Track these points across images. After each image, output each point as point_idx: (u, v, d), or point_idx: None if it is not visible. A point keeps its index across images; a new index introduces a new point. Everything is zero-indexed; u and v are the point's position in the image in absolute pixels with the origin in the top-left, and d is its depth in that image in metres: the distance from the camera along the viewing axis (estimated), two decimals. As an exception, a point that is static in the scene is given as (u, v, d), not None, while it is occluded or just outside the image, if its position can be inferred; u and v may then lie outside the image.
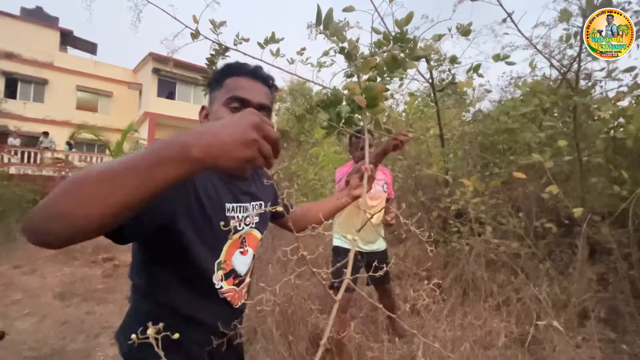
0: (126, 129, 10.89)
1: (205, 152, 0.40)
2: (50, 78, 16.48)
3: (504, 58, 2.57)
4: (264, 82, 0.80)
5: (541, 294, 1.63)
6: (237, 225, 0.81)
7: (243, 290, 0.86)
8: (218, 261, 0.77)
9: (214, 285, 0.77)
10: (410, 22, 1.64)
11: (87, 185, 0.38)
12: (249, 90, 0.76)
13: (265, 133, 0.44)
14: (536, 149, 2.33)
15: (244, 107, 0.74)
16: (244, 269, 0.84)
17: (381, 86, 1.29)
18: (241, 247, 0.83)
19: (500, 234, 2.61)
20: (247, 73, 0.78)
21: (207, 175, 0.75)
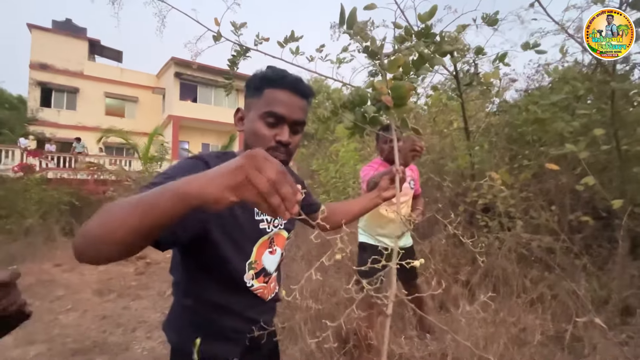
0: (152, 133, 11.32)
1: (197, 189, 0.43)
2: (81, 86, 17.36)
3: (533, 46, 2.46)
4: (302, 96, 0.80)
5: (580, 290, 1.55)
6: (267, 227, 0.86)
7: (272, 284, 0.91)
8: (249, 262, 0.82)
9: (246, 283, 0.82)
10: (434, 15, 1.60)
11: (109, 216, 0.47)
12: (286, 106, 0.77)
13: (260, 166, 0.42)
14: (569, 139, 2.22)
15: (280, 123, 0.77)
16: (273, 267, 0.90)
17: (409, 85, 1.27)
18: (270, 247, 0.88)
19: (531, 229, 2.51)
20: (288, 86, 0.78)
21: None
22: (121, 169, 9.83)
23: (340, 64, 3.09)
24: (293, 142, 0.80)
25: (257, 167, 0.42)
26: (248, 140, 0.81)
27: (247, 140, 0.81)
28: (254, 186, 0.42)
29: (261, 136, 0.77)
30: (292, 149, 0.80)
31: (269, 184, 0.42)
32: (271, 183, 0.42)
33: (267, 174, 0.42)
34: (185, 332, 0.81)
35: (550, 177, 2.77)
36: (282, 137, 0.76)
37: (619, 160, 2.15)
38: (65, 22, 18.37)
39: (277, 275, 0.96)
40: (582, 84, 2.16)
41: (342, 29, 1.62)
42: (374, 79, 1.74)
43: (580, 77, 2.26)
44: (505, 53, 2.62)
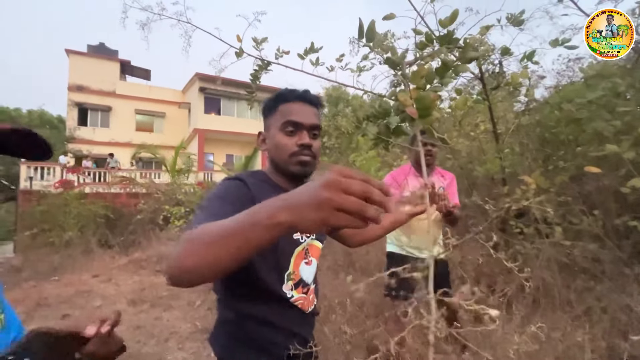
0: (178, 146, 11.77)
1: (287, 218, 0.43)
2: (113, 105, 18.43)
3: (563, 42, 2.34)
4: (312, 104, 0.87)
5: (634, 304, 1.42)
6: (300, 238, 0.89)
7: (310, 296, 0.93)
8: (288, 272, 0.85)
9: (285, 294, 0.85)
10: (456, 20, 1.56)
11: (200, 249, 0.50)
12: (300, 114, 0.84)
13: (344, 187, 0.40)
14: (610, 139, 2.07)
15: (298, 129, 0.84)
16: (310, 277, 0.92)
17: (434, 95, 1.23)
18: (305, 257, 0.91)
19: (572, 235, 2.35)
20: (297, 98, 0.86)
21: (266, 195, 0.77)
22: (151, 182, 10.26)
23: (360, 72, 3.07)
24: (315, 145, 0.85)
25: (343, 190, 0.40)
26: (273, 155, 0.86)
27: (272, 155, 0.87)
28: (348, 212, 0.40)
29: (283, 145, 0.84)
30: (316, 151, 0.85)
31: (361, 202, 0.40)
32: (363, 198, 0.40)
33: (354, 190, 0.40)
34: (228, 346, 0.85)
35: (590, 179, 2.60)
36: (304, 140, 0.83)
37: (669, 160, 1.98)
38: (99, 45, 19.66)
39: (315, 288, 0.98)
40: (623, 79, 2.01)
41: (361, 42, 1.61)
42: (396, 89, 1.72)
43: (620, 72, 2.11)
44: (533, 51, 2.50)
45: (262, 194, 0.78)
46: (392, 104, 1.56)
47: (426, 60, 1.62)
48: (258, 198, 0.76)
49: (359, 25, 1.63)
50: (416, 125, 1.32)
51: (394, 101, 1.51)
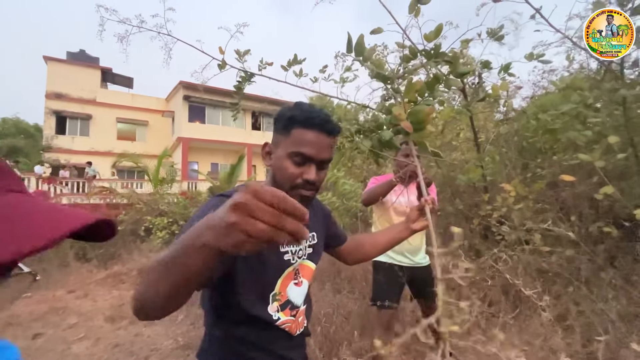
0: (161, 155, 11.54)
1: (209, 239, 0.41)
2: (94, 113, 17.97)
3: (537, 57, 2.46)
4: (330, 134, 0.80)
5: (611, 310, 1.47)
6: (291, 258, 0.86)
7: (300, 318, 0.89)
8: (273, 293, 0.82)
9: (271, 317, 0.81)
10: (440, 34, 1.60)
11: (151, 279, 0.49)
12: (313, 146, 0.77)
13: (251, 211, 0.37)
14: (583, 148, 2.16)
15: (307, 162, 0.78)
16: (299, 299, 0.88)
17: (428, 109, 1.24)
18: (295, 278, 0.88)
19: (551, 241, 2.42)
20: (315, 126, 0.77)
21: None
22: (132, 192, 9.98)
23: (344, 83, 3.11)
24: (319, 178, 0.80)
25: (250, 214, 0.37)
26: (276, 176, 0.82)
27: (275, 175, 0.82)
28: (255, 239, 0.37)
29: (288, 175, 0.78)
30: (319, 184, 0.81)
31: (269, 229, 0.37)
32: (271, 225, 0.37)
33: (262, 215, 0.37)
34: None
35: (566, 186, 2.70)
36: (310, 176, 0.78)
37: (637, 167, 2.08)
38: (79, 53, 19.22)
39: (306, 309, 0.95)
40: (591, 92, 2.12)
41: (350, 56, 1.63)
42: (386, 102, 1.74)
43: (589, 84, 2.23)
44: (509, 64, 2.61)
45: None
46: (385, 117, 1.57)
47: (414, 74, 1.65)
48: None
49: (347, 40, 1.65)
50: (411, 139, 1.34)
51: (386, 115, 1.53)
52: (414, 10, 1.62)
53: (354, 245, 1.10)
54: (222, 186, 9.63)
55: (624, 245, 2.14)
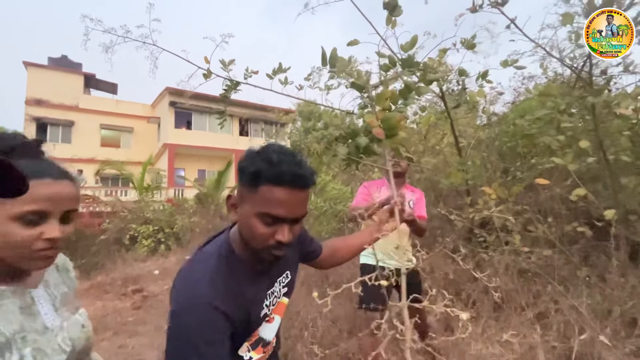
0: (145, 162, 11.37)
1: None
2: (76, 119, 17.55)
3: (512, 63, 2.57)
4: (303, 188, 0.70)
5: (582, 305, 1.54)
6: (267, 311, 0.83)
7: (271, 346, 0.87)
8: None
9: (243, 358, 0.78)
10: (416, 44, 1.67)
11: None
12: (285, 206, 0.68)
13: None
14: (557, 152, 2.27)
15: (279, 222, 0.69)
16: (271, 335, 0.86)
17: (399, 116, 1.31)
18: (267, 317, 0.85)
19: (530, 242, 2.51)
20: (287, 183, 0.67)
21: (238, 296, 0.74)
22: (117, 200, 9.77)
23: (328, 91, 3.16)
24: (294, 233, 0.73)
25: None
26: (244, 234, 0.74)
27: (243, 233, 0.75)
28: None
29: (259, 235, 0.70)
30: (294, 238, 0.75)
31: None
32: None
33: None
34: None
35: (544, 188, 2.80)
36: (282, 237, 0.70)
37: (607, 170, 2.19)
38: (61, 58, 18.80)
39: (278, 333, 0.94)
40: (563, 98, 2.23)
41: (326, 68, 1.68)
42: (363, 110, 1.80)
43: (561, 91, 2.34)
44: (486, 71, 2.72)
45: (240, 293, 0.74)
46: (361, 125, 1.62)
47: (390, 83, 1.72)
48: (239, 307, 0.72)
49: (322, 54, 1.71)
50: (384, 145, 1.39)
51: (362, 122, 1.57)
52: (391, 22, 1.69)
53: (329, 252, 1.10)
54: (209, 193, 9.54)
55: (597, 245, 2.24)
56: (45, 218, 0.62)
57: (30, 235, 0.62)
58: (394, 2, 1.63)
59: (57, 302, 0.71)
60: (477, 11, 2.49)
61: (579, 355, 1.39)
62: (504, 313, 2.21)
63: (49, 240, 0.61)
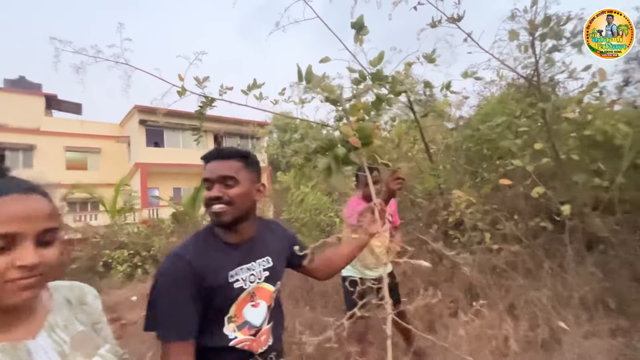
0: (118, 184, 10.94)
1: None
2: (38, 143, 16.62)
3: (471, 75, 2.78)
4: (224, 158, 0.96)
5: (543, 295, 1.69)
6: (243, 285, 0.94)
7: (262, 337, 0.97)
8: (228, 316, 0.92)
9: (227, 336, 0.91)
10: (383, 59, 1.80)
11: None
12: (210, 171, 0.94)
13: None
14: (517, 154, 2.46)
15: (210, 184, 0.94)
16: (258, 320, 0.97)
17: (372, 125, 1.41)
18: (252, 300, 0.96)
19: (500, 239, 2.68)
20: (209, 157, 0.97)
21: (206, 256, 0.91)
22: (87, 226, 9.32)
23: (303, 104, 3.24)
24: (228, 195, 0.92)
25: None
26: None
27: None
28: None
29: (203, 199, 0.96)
30: (232, 199, 0.92)
31: None
32: None
33: None
34: None
35: (509, 188, 3.00)
36: (211, 193, 0.93)
37: (560, 169, 2.41)
38: (19, 79, 17.87)
39: (273, 328, 1.03)
40: (516, 105, 2.44)
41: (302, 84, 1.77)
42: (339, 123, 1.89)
43: (514, 99, 2.56)
44: (449, 82, 2.92)
45: (209, 255, 0.92)
46: (338, 136, 1.72)
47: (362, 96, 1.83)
48: (205, 266, 0.88)
49: (297, 70, 1.80)
50: (360, 153, 1.48)
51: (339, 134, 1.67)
52: (358, 40, 1.82)
53: (325, 263, 1.20)
54: (186, 211, 9.30)
55: (558, 237, 2.43)
56: (16, 241, 0.52)
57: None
58: (360, 22, 1.76)
59: (67, 347, 0.59)
60: (436, 26, 2.69)
61: (543, 341, 1.52)
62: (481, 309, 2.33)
63: (23, 267, 0.51)
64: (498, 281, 2.36)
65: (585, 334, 1.67)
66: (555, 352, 1.62)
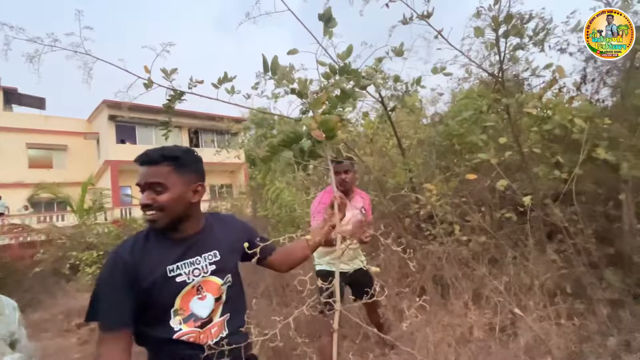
0: (85, 182, 10.44)
1: None
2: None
3: (441, 70, 2.83)
4: (151, 164, 0.95)
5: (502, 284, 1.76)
6: (186, 279, 0.96)
7: (213, 329, 0.99)
8: (173, 309, 0.94)
9: (173, 328, 0.94)
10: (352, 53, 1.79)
11: None
12: (140, 177, 0.95)
13: None
14: (483, 148, 2.54)
15: (142, 190, 0.94)
16: (204, 312, 0.98)
17: (336, 118, 1.41)
18: (198, 293, 0.98)
19: (469, 230, 2.77)
20: (138, 162, 0.97)
21: (143, 252, 0.94)
22: (52, 227, 8.82)
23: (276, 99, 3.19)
24: (158, 201, 0.93)
25: None
26: None
27: None
28: None
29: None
30: (163, 205, 0.93)
31: None
32: None
33: None
34: None
35: (475, 181, 3.10)
36: (142, 200, 0.94)
37: (523, 162, 2.51)
38: (-28, 72, 16.56)
39: (228, 321, 1.03)
40: (482, 100, 2.51)
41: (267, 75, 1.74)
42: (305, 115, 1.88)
43: (480, 94, 2.63)
44: (419, 78, 2.96)
45: (146, 251, 0.94)
46: (304, 129, 1.70)
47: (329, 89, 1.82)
48: (140, 261, 0.91)
49: (263, 61, 1.76)
50: (324, 146, 1.47)
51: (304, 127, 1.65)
52: (328, 33, 1.80)
53: (284, 254, 1.21)
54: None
55: (520, 228, 2.54)
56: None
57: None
58: (328, 14, 1.74)
59: None
60: (407, 23, 2.72)
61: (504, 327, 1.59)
62: (451, 299, 2.41)
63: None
64: (466, 271, 2.44)
65: (542, 317, 1.76)
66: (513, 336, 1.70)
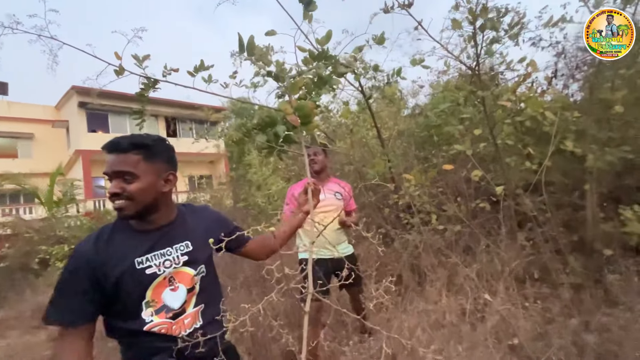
0: (54, 173, 9.93)
1: None
2: (-48, 128, 14.46)
3: (419, 62, 2.85)
4: (120, 151, 0.93)
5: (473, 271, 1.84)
6: (157, 270, 0.95)
7: (186, 320, 0.98)
8: (145, 301, 0.93)
9: (144, 320, 0.93)
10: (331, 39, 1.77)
11: None
12: (108, 165, 0.93)
13: None
14: (459, 139, 2.60)
15: (110, 179, 0.92)
16: (176, 303, 0.97)
17: (311, 104, 1.39)
18: (170, 284, 0.97)
19: (445, 220, 2.84)
20: (105, 150, 0.94)
21: (109, 246, 0.92)
22: (18, 220, 8.37)
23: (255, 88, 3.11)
24: (126, 190, 0.91)
25: None
26: None
27: None
28: None
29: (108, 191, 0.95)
30: (132, 194, 0.91)
31: None
32: None
33: None
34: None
35: (452, 172, 3.18)
36: (110, 189, 0.92)
37: (497, 153, 2.59)
38: None
39: (203, 311, 1.02)
40: (459, 93, 2.56)
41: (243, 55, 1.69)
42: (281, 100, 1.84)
43: (457, 87, 2.68)
44: (400, 68, 2.97)
45: (112, 244, 0.92)
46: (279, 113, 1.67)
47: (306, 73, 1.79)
48: (105, 255, 0.90)
49: (238, 40, 1.70)
50: (299, 132, 1.46)
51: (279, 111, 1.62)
52: (307, 17, 1.76)
53: (260, 242, 1.21)
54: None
55: (494, 217, 2.64)
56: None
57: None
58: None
59: None
60: (389, 12, 2.70)
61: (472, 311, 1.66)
62: (428, 286, 2.48)
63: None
64: (441, 259, 2.51)
65: (511, 301, 1.85)
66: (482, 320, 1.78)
